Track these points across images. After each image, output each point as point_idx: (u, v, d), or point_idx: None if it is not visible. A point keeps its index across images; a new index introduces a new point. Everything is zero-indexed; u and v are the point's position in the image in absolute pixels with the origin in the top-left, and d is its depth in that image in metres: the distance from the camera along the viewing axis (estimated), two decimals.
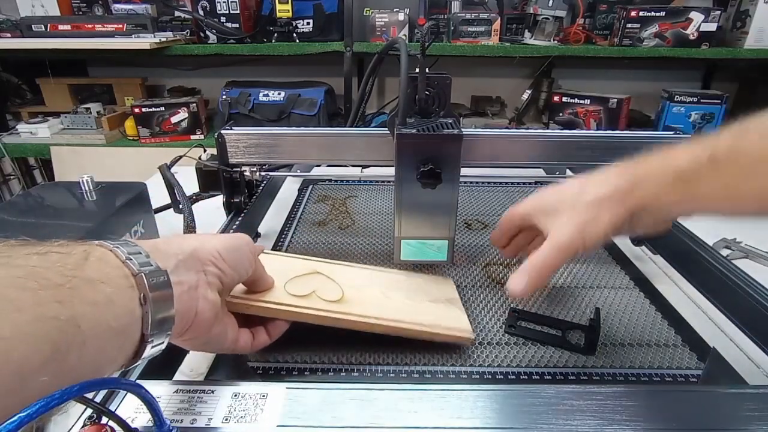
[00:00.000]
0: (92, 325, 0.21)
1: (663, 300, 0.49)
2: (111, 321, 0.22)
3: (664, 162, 0.31)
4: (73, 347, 0.20)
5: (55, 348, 0.19)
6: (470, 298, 0.49)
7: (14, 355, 0.17)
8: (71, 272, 0.21)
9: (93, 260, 0.23)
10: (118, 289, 0.23)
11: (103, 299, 0.22)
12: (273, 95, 1.60)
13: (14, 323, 0.18)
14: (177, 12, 1.59)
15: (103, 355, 0.22)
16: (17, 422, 0.18)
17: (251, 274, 0.35)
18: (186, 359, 0.40)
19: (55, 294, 0.20)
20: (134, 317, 0.24)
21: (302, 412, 0.30)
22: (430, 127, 0.44)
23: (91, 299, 0.21)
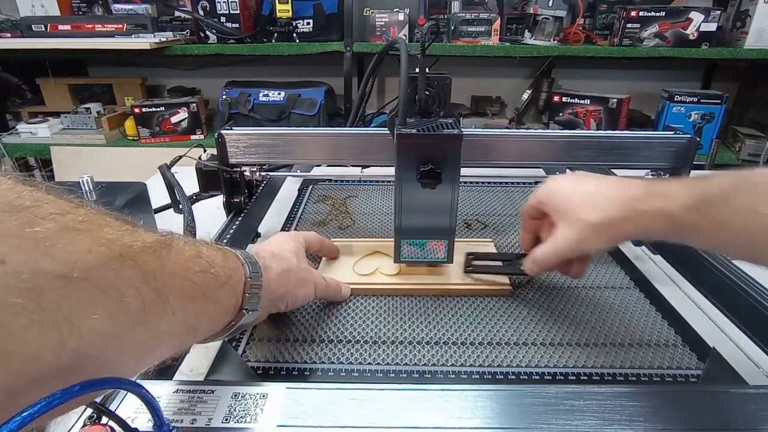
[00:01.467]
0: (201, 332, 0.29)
1: (663, 300, 0.49)
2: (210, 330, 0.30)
3: (662, 200, 0.34)
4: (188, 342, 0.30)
5: (180, 343, 0.27)
6: (471, 298, 0.49)
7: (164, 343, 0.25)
8: (211, 294, 0.28)
9: (229, 287, 0.30)
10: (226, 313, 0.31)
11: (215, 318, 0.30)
12: (273, 95, 1.60)
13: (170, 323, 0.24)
14: (177, 12, 1.59)
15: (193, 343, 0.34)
16: (18, 422, 0.18)
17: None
18: (186, 359, 0.40)
19: (196, 308, 0.27)
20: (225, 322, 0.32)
21: (302, 412, 0.30)
22: (430, 127, 0.44)
23: (210, 317, 0.29)
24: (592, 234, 0.37)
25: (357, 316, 0.46)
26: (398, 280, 0.50)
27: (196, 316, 0.27)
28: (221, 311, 0.30)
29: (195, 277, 0.26)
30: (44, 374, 0.18)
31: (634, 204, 0.35)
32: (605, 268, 0.55)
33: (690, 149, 0.56)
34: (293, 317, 0.46)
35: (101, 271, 0.20)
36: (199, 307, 0.27)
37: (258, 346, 0.42)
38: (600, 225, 0.36)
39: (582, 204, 0.38)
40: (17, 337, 0.17)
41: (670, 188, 0.34)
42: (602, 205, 0.37)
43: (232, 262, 0.32)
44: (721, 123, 1.58)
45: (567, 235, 0.38)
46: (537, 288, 0.51)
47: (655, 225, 0.34)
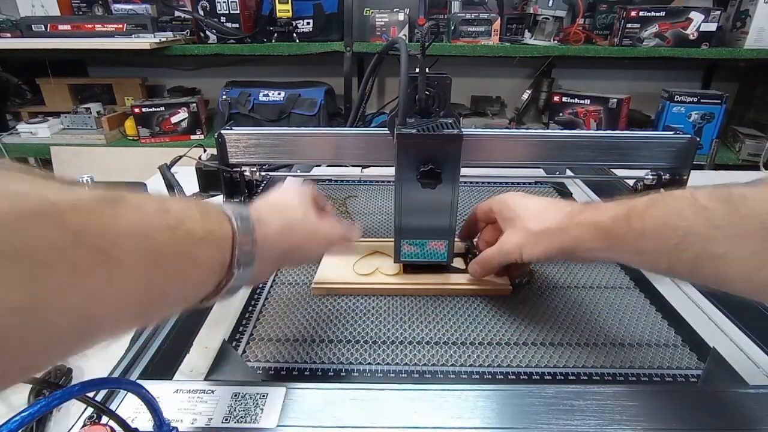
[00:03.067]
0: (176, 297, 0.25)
1: (663, 300, 0.49)
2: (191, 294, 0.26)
3: (594, 214, 0.37)
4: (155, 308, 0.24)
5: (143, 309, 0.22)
6: (471, 298, 0.49)
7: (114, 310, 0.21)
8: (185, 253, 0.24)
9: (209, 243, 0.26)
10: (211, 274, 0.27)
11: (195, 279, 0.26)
12: (273, 95, 1.60)
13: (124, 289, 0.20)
14: (177, 12, 1.59)
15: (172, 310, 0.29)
16: (18, 422, 0.18)
17: None
18: (186, 359, 0.40)
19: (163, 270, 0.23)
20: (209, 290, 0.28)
21: (302, 412, 0.30)
22: (430, 127, 0.44)
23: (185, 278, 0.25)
24: (532, 241, 0.41)
25: (357, 316, 0.46)
26: (398, 280, 0.50)
27: (166, 280, 0.23)
28: (203, 272, 0.27)
29: (158, 234, 0.23)
30: None
31: (570, 217, 0.39)
32: (605, 268, 0.55)
33: (690, 149, 0.56)
34: (293, 317, 0.46)
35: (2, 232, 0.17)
36: (169, 267, 0.23)
37: (258, 346, 0.42)
38: (539, 233, 0.41)
39: (527, 215, 0.42)
40: None
41: (604, 205, 0.38)
42: (544, 217, 0.41)
43: (214, 217, 0.28)
44: (721, 123, 1.58)
45: (512, 240, 0.43)
46: (537, 288, 0.51)
47: (586, 235, 0.37)
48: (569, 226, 0.39)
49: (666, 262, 0.32)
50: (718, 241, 0.28)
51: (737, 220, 0.28)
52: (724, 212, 0.28)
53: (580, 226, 0.38)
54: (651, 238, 0.32)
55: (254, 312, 0.46)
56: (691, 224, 0.30)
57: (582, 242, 0.38)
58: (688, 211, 0.30)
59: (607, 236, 0.36)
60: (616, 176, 0.71)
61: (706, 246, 0.29)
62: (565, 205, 0.41)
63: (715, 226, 0.28)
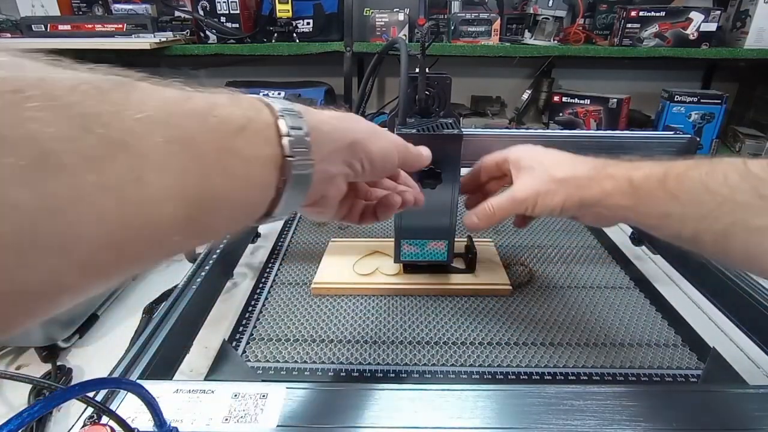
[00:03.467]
0: (228, 199, 0.20)
1: (663, 300, 0.49)
2: (247, 198, 0.22)
3: (629, 168, 0.34)
4: (206, 215, 0.20)
5: (189, 214, 0.19)
6: (471, 298, 0.49)
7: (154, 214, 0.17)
8: (222, 142, 0.20)
9: (250, 132, 0.21)
10: (263, 168, 0.22)
11: (244, 175, 0.21)
12: (273, 95, 1.60)
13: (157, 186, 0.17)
14: (177, 12, 1.59)
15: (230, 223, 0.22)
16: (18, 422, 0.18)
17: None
18: (186, 359, 0.40)
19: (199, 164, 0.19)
20: (268, 195, 0.23)
21: (302, 412, 0.30)
22: (430, 127, 0.44)
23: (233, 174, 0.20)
24: (554, 189, 0.37)
25: (357, 316, 0.46)
26: (398, 280, 0.50)
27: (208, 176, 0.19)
28: (252, 167, 0.22)
29: (185, 121, 0.19)
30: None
31: (603, 167, 0.36)
32: (605, 268, 0.55)
33: (690, 149, 0.56)
34: (293, 317, 0.46)
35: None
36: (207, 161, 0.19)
37: (258, 346, 0.42)
38: (563, 180, 0.37)
39: (551, 163, 0.38)
40: None
41: (639, 162, 0.35)
42: (572, 165, 0.37)
43: (247, 102, 0.23)
44: (721, 123, 1.58)
45: (528, 184, 0.38)
46: (537, 288, 0.51)
47: (616, 189, 0.34)
48: (600, 176, 0.35)
49: (692, 229, 0.30)
50: (761, 212, 0.26)
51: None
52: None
53: (612, 178, 0.35)
54: (684, 200, 0.30)
55: (254, 312, 0.46)
56: (733, 191, 0.28)
57: (608, 196, 0.35)
58: (735, 177, 0.28)
59: (636, 193, 0.33)
60: None
61: (744, 216, 0.27)
62: (595, 159, 0.38)
63: (761, 196, 0.27)
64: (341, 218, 0.34)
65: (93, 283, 0.17)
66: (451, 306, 0.48)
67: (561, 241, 0.62)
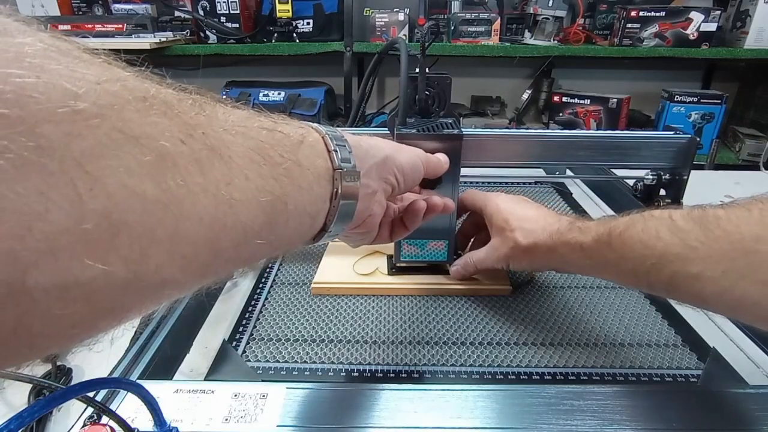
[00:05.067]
0: (295, 206, 0.22)
1: (663, 300, 0.49)
2: (308, 206, 0.24)
3: (580, 234, 0.38)
4: (280, 221, 0.21)
5: (267, 219, 0.20)
6: (471, 298, 0.49)
7: (242, 216, 0.19)
8: (288, 154, 0.22)
9: (306, 145, 0.24)
10: (319, 179, 0.24)
11: (306, 185, 0.23)
12: (273, 95, 1.60)
13: (243, 189, 0.19)
14: (177, 12, 1.59)
15: (296, 233, 0.24)
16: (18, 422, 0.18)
17: None
18: (186, 359, 0.41)
19: (273, 171, 0.21)
20: (324, 207, 0.25)
21: (302, 412, 0.30)
22: (430, 127, 0.44)
23: (298, 183, 0.23)
24: (520, 255, 0.42)
25: (357, 316, 0.46)
26: (398, 280, 0.50)
27: (278, 180, 0.21)
28: (310, 175, 0.24)
29: (258, 135, 0.21)
30: (60, 243, 0.13)
31: (558, 235, 0.40)
32: None
33: (690, 149, 0.56)
34: (293, 317, 0.46)
35: (121, 111, 0.14)
36: (279, 170, 0.21)
37: (258, 346, 0.42)
38: (528, 248, 0.42)
39: (518, 227, 0.43)
40: (2, 187, 0.11)
41: (588, 224, 0.38)
42: (535, 232, 0.42)
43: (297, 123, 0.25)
44: (721, 123, 1.58)
45: (501, 250, 0.44)
46: (537, 288, 0.51)
47: (572, 255, 0.38)
48: (557, 244, 0.39)
49: (645, 281, 0.33)
50: (693, 261, 0.29)
51: (710, 241, 0.29)
52: (698, 232, 0.29)
53: (567, 246, 0.38)
54: (630, 258, 0.33)
55: (254, 312, 0.46)
56: (667, 244, 0.31)
57: (568, 261, 0.39)
58: (665, 232, 0.31)
59: (590, 257, 0.37)
60: (616, 176, 0.71)
61: (682, 266, 0.30)
62: (555, 220, 0.42)
63: (689, 247, 0.29)
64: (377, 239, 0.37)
65: (190, 279, 0.18)
66: (451, 306, 0.48)
67: None
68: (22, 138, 0.12)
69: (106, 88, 0.14)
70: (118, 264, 0.14)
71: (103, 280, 0.14)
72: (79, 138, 0.13)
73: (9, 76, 0.12)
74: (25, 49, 0.13)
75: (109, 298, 0.14)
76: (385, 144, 0.33)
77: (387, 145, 0.33)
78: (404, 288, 0.49)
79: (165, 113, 0.16)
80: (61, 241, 0.13)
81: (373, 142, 0.32)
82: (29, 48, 0.13)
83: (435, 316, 0.46)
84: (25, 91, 0.12)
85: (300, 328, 0.44)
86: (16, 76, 0.12)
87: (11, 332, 0.12)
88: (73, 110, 0.13)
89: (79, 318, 0.14)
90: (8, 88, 0.12)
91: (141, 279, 0.15)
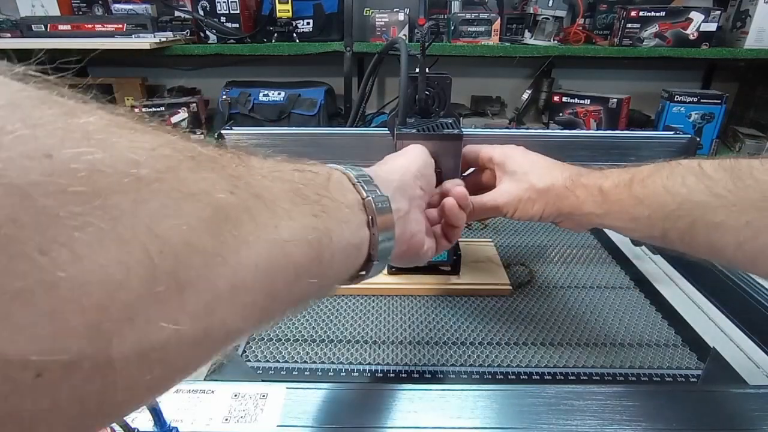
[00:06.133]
0: (339, 239, 0.23)
1: (663, 300, 0.49)
2: (350, 238, 0.24)
3: (600, 178, 0.37)
4: (327, 256, 0.22)
5: (316, 254, 0.21)
6: (471, 298, 0.49)
7: (294, 256, 0.19)
8: (321, 191, 0.23)
9: (334, 182, 0.25)
10: (353, 210, 0.25)
11: (344, 217, 0.24)
12: (273, 95, 1.60)
13: (291, 229, 0.19)
14: (177, 12, 1.59)
15: (344, 266, 0.25)
16: None
17: None
18: None
19: (313, 209, 0.21)
20: (365, 237, 0.26)
21: (302, 412, 0.30)
22: (430, 127, 0.44)
23: (336, 216, 0.23)
24: (534, 197, 0.40)
25: (357, 316, 0.46)
26: (398, 280, 0.50)
27: (318, 216, 0.21)
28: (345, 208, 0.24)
29: (293, 177, 0.21)
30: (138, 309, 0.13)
31: (577, 177, 0.38)
32: (605, 268, 0.55)
33: (690, 149, 0.56)
34: (293, 317, 0.46)
35: (176, 172, 0.15)
36: (317, 207, 0.22)
37: (258, 346, 0.42)
38: (543, 190, 0.39)
39: (533, 170, 0.41)
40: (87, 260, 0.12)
41: (609, 170, 0.37)
42: (551, 174, 0.40)
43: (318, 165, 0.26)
44: (721, 123, 1.58)
45: (511, 192, 0.41)
46: (537, 288, 0.51)
47: (588, 199, 0.37)
48: (576, 186, 0.38)
49: (660, 228, 0.32)
50: (716, 209, 0.28)
51: (739, 190, 0.28)
52: (727, 181, 0.28)
53: (585, 188, 0.37)
54: (649, 204, 0.32)
55: None
56: (691, 191, 0.30)
57: (582, 204, 0.37)
58: (691, 179, 0.30)
59: (606, 201, 0.36)
60: None
61: (703, 213, 0.29)
62: (570, 166, 0.40)
63: (715, 195, 0.29)
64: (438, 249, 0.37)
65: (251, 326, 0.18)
66: (451, 306, 0.48)
67: (561, 241, 0.62)
68: (99, 211, 0.12)
69: (160, 152, 0.15)
70: (188, 322, 0.14)
71: (176, 340, 0.14)
72: (145, 203, 0.14)
73: (81, 155, 0.13)
74: (90, 127, 0.14)
75: (182, 357, 0.15)
76: (395, 162, 0.34)
77: (397, 163, 0.34)
78: (404, 288, 0.49)
79: (213, 168, 0.17)
80: (139, 306, 0.13)
81: (387, 167, 0.33)
82: (93, 126, 0.14)
83: (435, 316, 0.46)
84: (96, 167, 0.13)
85: (300, 328, 0.44)
86: (87, 154, 0.13)
87: (96, 405, 0.13)
88: (137, 178, 0.14)
89: (156, 382, 0.14)
90: (82, 167, 0.13)
91: (209, 334, 0.15)
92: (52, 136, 0.12)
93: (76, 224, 0.12)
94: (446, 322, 0.45)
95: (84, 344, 0.12)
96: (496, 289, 0.49)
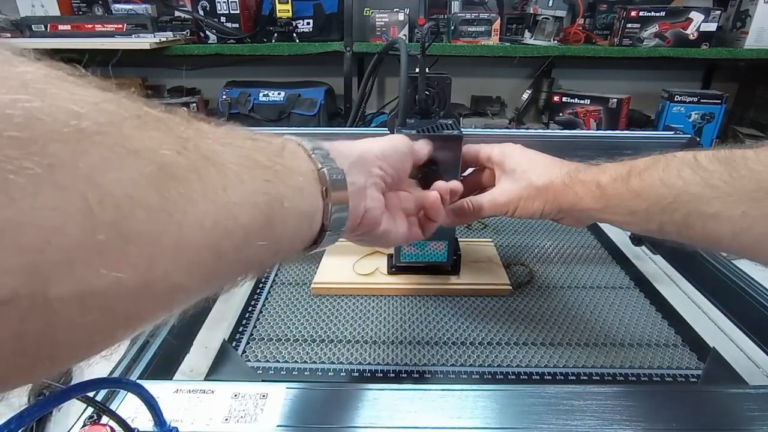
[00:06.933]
0: (291, 205, 0.23)
1: (663, 300, 0.49)
2: (303, 206, 0.24)
3: (597, 173, 0.37)
4: (278, 221, 0.22)
5: (266, 219, 0.21)
6: (471, 298, 0.49)
7: (242, 218, 0.19)
8: (274, 158, 0.23)
9: (288, 151, 0.25)
10: (307, 179, 0.25)
11: (297, 185, 0.24)
12: (273, 95, 1.60)
13: (240, 192, 0.19)
14: (177, 12, 1.59)
15: (297, 233, 0.25)
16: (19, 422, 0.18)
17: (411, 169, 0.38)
18: (186, 359, 0.40)
19: (264, 174, 0.22)
20: (318, 206, 0.26)
21: (302, 412, 0.30)
22: (430, 127, 0.44)
23: (289, 183, 0.23)
24: (533, 195, 0.40)
25: (357, 316, 0.46)
26: (398, 280, 0.50)
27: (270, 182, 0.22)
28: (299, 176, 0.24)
29: (244, 144, 0.22)
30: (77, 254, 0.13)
31: (575, 173, 0.38)
32: (605, 268, 0.55)
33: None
34: (293, 317, 0.46)
35: (120, 128, 0.15)
36: (269, 172, 0.22)
37: (258, 346, 0.42)
38: (542, 188, 0.39)
39: (531, 168, 0.41)
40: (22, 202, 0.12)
41: (606, 165, 0.37)
42: (550, 172, 0.40)
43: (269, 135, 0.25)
44: (721, 123, 1.58)
45: (510, 191, 0.41)
46: (537, 288, 0.51)
47: (587, 194, 0.37)
48: (574, 182, 0.38)
49: (657, 221, 0.32)
50: (712, 200, 0.29)
51: (734, 180, 0.28)
52: (722, 172, 0.29)
53: (583, 184, 0.37)
54: (646, 197, 0.33)
55: (254, 312, 0.46)
56: (687, 183, 0.30)
57: (581, 201, 0.37)
58: (687, 171, 0.31)
59: (604, 195, 0.36)
60: None
61: (698, 205, 0.29)
62: (568, 162, 0.41)
63: (711, 186, 0.29)
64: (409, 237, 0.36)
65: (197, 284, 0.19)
66: (451, 306, 0.48)
67: (561, 241, 0.62)
68: (36, 157, 0.13)
69: (103, 107, 0.15)
70: (129, 272, 0.15)
71: (117, 288, 0.14)
72: (86, 154, 0.14)
73: (17, 101, 0.13)
74: (28, 76, 0.14)
75: (123, 305, 0.15)
76: (359, 142, 0.33)
77: (361, 142, 0.33)
78: (404, 288, 0.49)
79: (159, 128, 0.17)
80: (78, 252, 0.13)
81: (348, 143, 0.32)
82: (31, 75, 0.14)
83: (435, 316, 0.46)
84: (33, 114, 0.13)
85: (300, 328, 0.44)
86: (24, 101, 0.13)
87: (34, 345, 0.13)
88: (77, 129, 0.14)
89: (96, 327, 0.15)
90: (18, 113, 0.13)
91: (151, 286, 0.16)
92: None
93: (11, 168, 0.12)
94: (446, 322, 0.45)
95: (20, 282, 0.12)
96: (496, 289, 0.49)
